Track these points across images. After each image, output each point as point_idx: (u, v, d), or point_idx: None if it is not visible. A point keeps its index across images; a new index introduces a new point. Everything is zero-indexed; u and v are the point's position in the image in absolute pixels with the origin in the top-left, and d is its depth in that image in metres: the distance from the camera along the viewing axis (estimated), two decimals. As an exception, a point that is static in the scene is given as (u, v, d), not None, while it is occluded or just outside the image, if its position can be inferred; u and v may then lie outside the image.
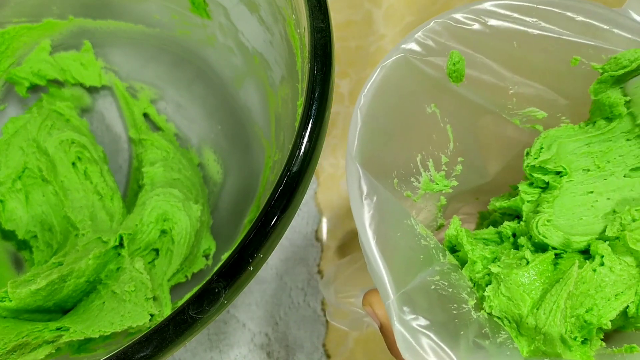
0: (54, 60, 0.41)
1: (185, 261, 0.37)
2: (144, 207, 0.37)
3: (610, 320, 0.23)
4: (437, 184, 0.29)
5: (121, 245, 0.34)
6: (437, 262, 0.24)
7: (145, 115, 0.43)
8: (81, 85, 0.43)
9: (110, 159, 0.42)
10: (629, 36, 0.25)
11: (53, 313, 0.33)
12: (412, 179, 0.27)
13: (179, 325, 0.21)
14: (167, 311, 0.33)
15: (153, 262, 0.36)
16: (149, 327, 0.21)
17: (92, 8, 0.40)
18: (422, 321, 0.21)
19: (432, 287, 0.23)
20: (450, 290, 0.24)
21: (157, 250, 0.37)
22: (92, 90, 0.43)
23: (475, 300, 0.25)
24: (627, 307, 0.24)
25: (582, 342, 0.24)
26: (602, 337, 0.25)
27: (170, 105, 0.44)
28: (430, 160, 0.27)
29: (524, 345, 0.24)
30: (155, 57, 0.43)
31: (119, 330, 0.29)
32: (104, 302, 0.32)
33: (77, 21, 0.40)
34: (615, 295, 0.24)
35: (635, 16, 0.25)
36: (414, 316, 0.21)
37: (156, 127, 0.43)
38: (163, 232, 0.37)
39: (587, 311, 0.24)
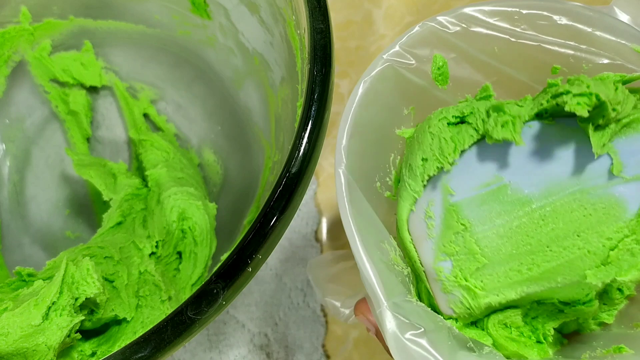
0: (54, 60, 0.41)
1: (207, 265, 0.36)
2: (163, 208, 0.36)
3: (563, 325, 0.25)
4: None
5: (153, 252, 0.34)
6: (410, 292, 0.24)
7: (146, 115, 0.43)
8: (81, 85, 0.43)
9: (110, 160, 0.42)
10: (613, 38, 0.24)
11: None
12: (387, 178, 0.27)
13: (177, 326, 0.21)
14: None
15: (178, 268, 0.36)
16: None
17: (93, 8, 0.40)
18: (414, 328, 0.21)
19: (414, 303, 0.23)
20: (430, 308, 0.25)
21: (180, 254, 0.36)
22: (92, 90, 0.43)
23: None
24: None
25: (537, 342, 0.25)
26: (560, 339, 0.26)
27: (171, 105, 0.44)
28: (399, 157, 0.27)
29: None
30: (155, 58, 0.43)
31: None
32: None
33: (78, 21, 0.40)
34: None
35: (620, 15, 0.25)
36: (406, 322, 0.21)
37: (156, 128, 0.43)
38: (182, 231, 0.36)
39: (533, 319, 0.25)
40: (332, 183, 0.45)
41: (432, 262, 0.24)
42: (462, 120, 0.24)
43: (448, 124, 0.24)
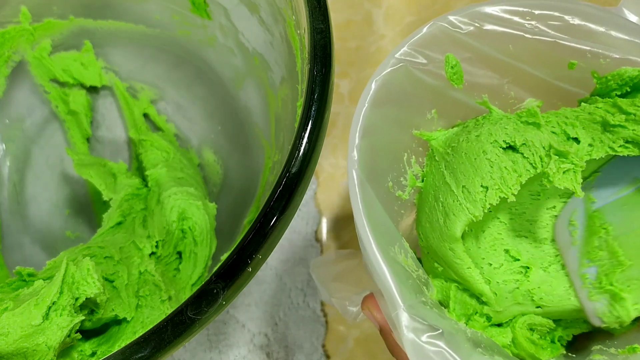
0: (54, 60, 0.41)
1: (207, 265, 0.36)
2: (163, 207, 0.36)
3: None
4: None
5: (153, 252, 0.34)
6: (422, 294, 0.24)
7: (146, 115, 0.43)
8: (81, 85, 0.43)
9: (110, 160, 0.42)
10: (626, 37, 0.25)
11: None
12: (402, 178, 0.27)
13: (177, 326, 0.21)
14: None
15: (178, 268, 0.36)
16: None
17: (93, 8, 0.40)
18: (432, 330, 0.21)
19: (429, 305, 0.23)
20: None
21: (180, 254, 0.36)
22: (92, 90, 0.43)
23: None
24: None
25: (551, 341, 0.25)
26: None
27: (171, 105, 0.44)
28: (413, 157, 0.27)
29: None
30: (155, 58, 0.43)
31: None
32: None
33: (78, 21, 0.41)
34: None
35: (629, 15, 0.25)
36: (424, 324, 0.21)
37: (156, 128, 0.43)
38: (182, 231, 0.36)
39: (559, 326, 0.25)
40: (332, 183, 0.45)
41: (577, 269, 0.25)
42: (511, 146, 0.24)
43: (501, 148, 0.24)
